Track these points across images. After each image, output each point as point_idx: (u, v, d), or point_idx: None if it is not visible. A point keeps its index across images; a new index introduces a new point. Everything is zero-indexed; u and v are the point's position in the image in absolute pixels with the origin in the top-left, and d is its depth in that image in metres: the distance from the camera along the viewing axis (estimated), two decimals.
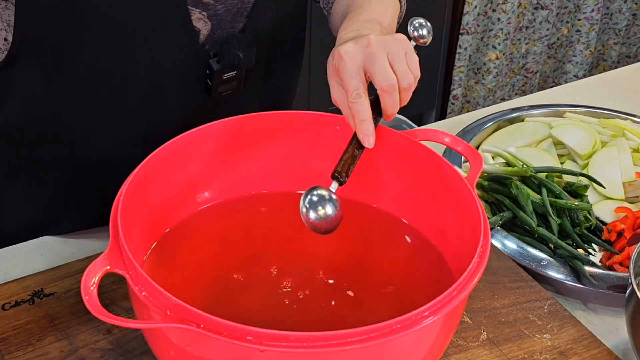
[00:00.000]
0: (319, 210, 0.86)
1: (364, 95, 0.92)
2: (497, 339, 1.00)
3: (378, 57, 0.92)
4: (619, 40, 3.35)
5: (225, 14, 1.06)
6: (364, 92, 0.92)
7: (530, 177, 1.22)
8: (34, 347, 0.95)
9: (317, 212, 0.86)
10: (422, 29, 1.02)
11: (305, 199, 0.86)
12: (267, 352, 0.73)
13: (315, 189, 0.87)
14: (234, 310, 0.90)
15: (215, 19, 1.06)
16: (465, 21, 2.92)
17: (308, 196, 0.86)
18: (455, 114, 3.11)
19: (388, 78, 0.91)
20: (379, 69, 0.91)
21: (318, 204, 0.86)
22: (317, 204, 0.86)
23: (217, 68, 1.07)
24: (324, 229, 0.86)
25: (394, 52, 0.93)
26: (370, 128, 0.92)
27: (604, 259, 1.17)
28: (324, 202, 0.86)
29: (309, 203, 0.86)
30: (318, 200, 0.86)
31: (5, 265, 1.10)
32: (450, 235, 0.97)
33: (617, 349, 1.03)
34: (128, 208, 0.87)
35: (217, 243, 1.01)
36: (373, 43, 0.93)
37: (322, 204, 0.86)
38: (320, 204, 0.86)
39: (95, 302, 0.76)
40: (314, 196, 0.86)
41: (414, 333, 0.77)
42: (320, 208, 0.86)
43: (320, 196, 0.86)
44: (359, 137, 0.92)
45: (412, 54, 0.95)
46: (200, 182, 1.02)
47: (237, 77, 1.10)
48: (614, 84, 1.65)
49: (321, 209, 0.86)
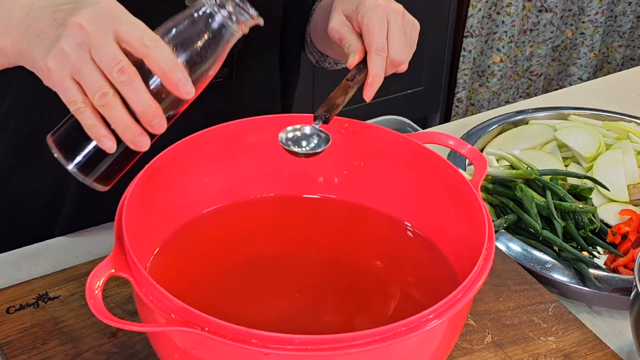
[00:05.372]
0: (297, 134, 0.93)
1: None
2: (501, 342, 1.00)
3: (400, 31, 1.00)
4: (624, 43, 3.34)
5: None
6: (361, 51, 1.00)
7: (535, 180, 1.22)
8: (38, 350, 0.95)
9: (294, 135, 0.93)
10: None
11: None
12: (271, 355, 0.73)
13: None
14: (239, 313, 0.90)
15: None
16: (470, 24, 2.92)
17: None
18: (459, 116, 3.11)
19: (385, 48, 0.99)
20: (394, 42, 0.99)
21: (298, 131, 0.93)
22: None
23: None
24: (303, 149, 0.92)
25: (408, 35, 1.02)
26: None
27: (609, 262, 1.17)
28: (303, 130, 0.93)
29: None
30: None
31: (9, 269, 1.10)
32: (455, 238, 0.97)
33: (621, 351, 1.03)
34: (132, 211, 0.87)
35: (221, 246, 1.01)
36: (402, 17, 1.01)
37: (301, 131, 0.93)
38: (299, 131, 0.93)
39: (100, 305, 0.76)
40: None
41: (419, 336, 0.77)
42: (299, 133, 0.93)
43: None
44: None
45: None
46: (204, 185, 1.02)
47: (228, 65, 1.11)
48: (619, 87, 1.65)
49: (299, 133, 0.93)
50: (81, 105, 0.73)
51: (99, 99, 0.73)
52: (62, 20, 0.75)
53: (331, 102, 0.95)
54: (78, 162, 0.78)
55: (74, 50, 0.73)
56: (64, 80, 0.73)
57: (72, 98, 0.74)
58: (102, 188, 0.80)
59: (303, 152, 0.92)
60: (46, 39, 0.75)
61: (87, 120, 0.74)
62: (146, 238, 0.94)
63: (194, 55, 0.78)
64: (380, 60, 0.99)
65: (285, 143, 0.92)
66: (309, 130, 0.93)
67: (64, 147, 0.78)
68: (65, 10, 0.76)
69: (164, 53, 0.75)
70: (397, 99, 2.97)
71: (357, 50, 1.00)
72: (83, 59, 0.73)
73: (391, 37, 1.00)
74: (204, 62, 0.79)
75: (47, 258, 1.12)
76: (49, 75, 0.74)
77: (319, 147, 0.93)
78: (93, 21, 0.74)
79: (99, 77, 0.73)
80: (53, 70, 0.74)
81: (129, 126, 0.74)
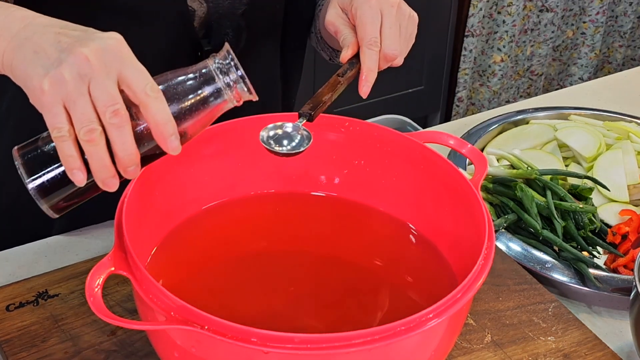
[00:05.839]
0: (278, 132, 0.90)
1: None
2: (501, 342, 1.00)
3: (394, 24, 0.98)
4: (624, 43, 3.34)
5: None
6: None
7: (535, 180, 1.22)
8: (38, 348, 0.95)
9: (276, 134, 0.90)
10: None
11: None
12: (271, 354, 0.73)
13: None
14: (238, 311, 0.90)
15: (211, 2, 1.06)
16: (471, 23, 2.92)
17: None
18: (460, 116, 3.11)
19: (378, 42, 0.98)
20: (388, 35, 0.98)
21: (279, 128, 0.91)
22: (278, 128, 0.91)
23: (208, 48, 1.07)
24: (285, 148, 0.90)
25: (404, 28, 1.01)
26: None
27: (609, 262, 1.17)
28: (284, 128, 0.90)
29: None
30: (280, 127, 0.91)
31: (9, 267, 1.10)
32: (455, 237, 0.97)
33: (621, 351, 1.03)
34: (132, 209, 0.87)
35: (221, 244, 1.01)
36: (397, 10, 1.00)
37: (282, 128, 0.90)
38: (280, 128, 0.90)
39: (100, 303, 0.76)
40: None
41: (418, 335, 0.77)
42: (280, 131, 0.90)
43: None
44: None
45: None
46: (204, 182, 1.02)
47: None
48: (619, 87, 1.65)
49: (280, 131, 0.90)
50: (65, 134, 0.73)
51: (86, 134, 0.72)
52: (67, 45, 0.74)
53: (317, 99, 0.92)
54: (40, 184, 0.77)
55: (73, 80, 0.73)
56: (55, 105, 0.73)
57: (58, 125, 0.73)
58: (51, 214, 0.80)
59: (283, 152, 0.89)
60: (45, 59, 0.74)
61: (66, 150, 0.73)
62: (146, 235, 0.94)
63: (183, 112, 0.79)
64: (372, 54, 0.97)
65: (266, 142, 0.89)
66: (291, 129, 0.90)
67: (31, 165, 0.77)
68: (71, 36, 0.75)
69: (162, 107, 0.75)
70: (398, 98, 2.97)
71: (350, 44, 0.99)
72: (81, 90, 0.73)
73: (384, 30, 0.99)
74: (190, 120, 0.80)
75: (47, 256, 1.12)
76: (40, 95, 0.73)
77: (300, 146, 0.89)
78: (100, 56, 0.73)
79: (92, 112, 0.73)
80: (47, 92, 0.73)
81: (106, 166, 0.74)
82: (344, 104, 0.98)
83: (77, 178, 0.74)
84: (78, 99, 0.72)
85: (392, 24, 0.99)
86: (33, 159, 0.77)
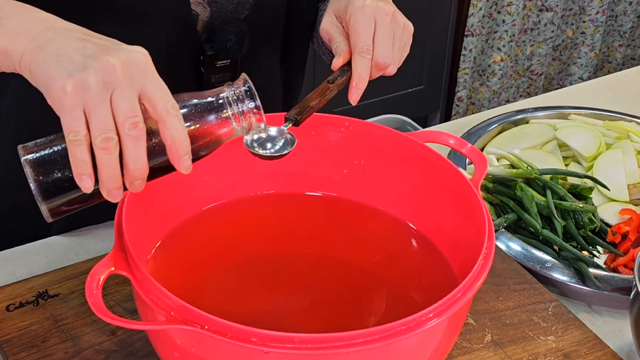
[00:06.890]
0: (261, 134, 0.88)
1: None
2: (501, 341, 1.00)
3: (388, 33, 0.98)
4: (624, 43, 3.34)
5: (226, 3, 1.06)
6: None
7: (535, 179, 1.22)
8: (38, 348, 0.95)
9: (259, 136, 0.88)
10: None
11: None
12: (271, 354, 0.73)
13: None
14: (238, 311, 0.90)
15: (215, 6, 1.06)
16: (470, 23, 2.92)
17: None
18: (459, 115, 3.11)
19: (370, 50, 0.98)
20: (380, 44, 0.98)
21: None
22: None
23: (211, 53, 1.07)
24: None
25: (398, 37, 1.01)
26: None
27: (609, 261, 1.17)
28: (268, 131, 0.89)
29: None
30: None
31: (9, 267, 1.10)
32: (455, 237, 0.97)
33: (621, 351, 1.03)
34: (132, 210, 0.87)
35: (221, 244, 1.01)
36: (392, 19, 1.00)
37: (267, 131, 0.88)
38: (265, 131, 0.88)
39: (100, 303, 0.76)
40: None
41: (419, 335, 0.77)
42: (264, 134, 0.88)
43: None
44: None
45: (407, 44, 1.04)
46: (204, 182, 1.02)
47: (231, 69, 1.10)
48: (619, 86, 1.65)
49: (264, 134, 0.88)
50: (81, 138, 0.73)
51: (102, 142, 0.72)
52: (93, 52, 0.74)
53: (305, 104, 0.93)
54: (45, 186, 0.76)
55: (98, 86, 0.73)
56: (75, 108, 0.73)
57: (75, 128, 0.73)
58: (47, 217, 0.79)
59: (266, 155, 0.88)
60: (69, 62, 0.74)
61: (79, 154, 0.73)
62: (146, 235, 0.94)
63: (195, 134, 0.79)
64: (364, 62, 0.97)
65: (250, 145, 0.88)
66: (275, 132, 0.89)
67: (38, 165, 0.77)
68: (97, 44, 0.76)
69: (181, 126, 0.75)
70: (398, 97, 2.97)
71: (342, 52, 0.99)
72: (103, 98, 0.73)
73: (377, 38, 0.99)
74: (200, 142, 0.81)
75: (47, 256, 1.12)
76: (61, 97, 0.73)
77: (284, 149, 0.88)
78: (126, 68, 0.74)
79: (110, 121, 0.73)
80: (69, 94, 0.73)
81: (115, 176, 0.74)
82: (344, 103, 0.97)
83: (84, 184, 0.74)
84: (100, 105, 0.72)
85: (385, 32, 0.99)
86: (41, 159, 0.77)
